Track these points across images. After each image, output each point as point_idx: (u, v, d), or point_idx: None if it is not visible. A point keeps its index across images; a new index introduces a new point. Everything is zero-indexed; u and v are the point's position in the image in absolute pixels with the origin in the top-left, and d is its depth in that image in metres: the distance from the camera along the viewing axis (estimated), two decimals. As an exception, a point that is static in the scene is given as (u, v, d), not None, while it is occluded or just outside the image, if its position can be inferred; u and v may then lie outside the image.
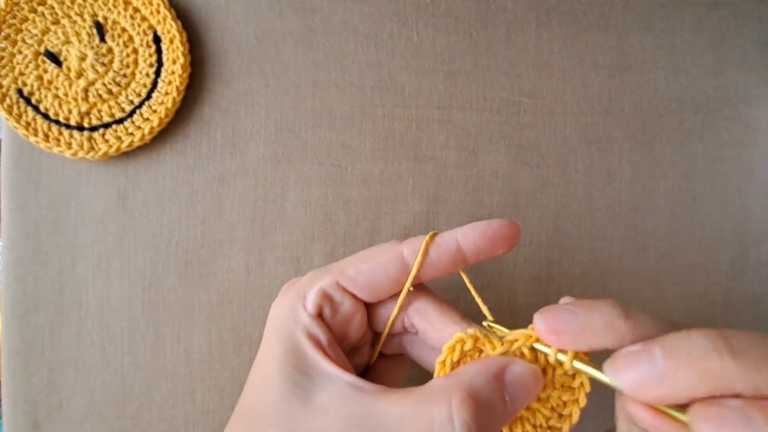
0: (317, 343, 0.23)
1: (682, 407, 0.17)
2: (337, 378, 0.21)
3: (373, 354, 0.27)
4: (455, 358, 0.22)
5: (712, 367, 0.16)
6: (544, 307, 0.21)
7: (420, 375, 0.34)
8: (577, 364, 0.20)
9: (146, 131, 0.33)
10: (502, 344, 0.21)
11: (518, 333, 0.22)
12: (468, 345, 0.22)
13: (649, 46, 0.36)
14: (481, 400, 0.20)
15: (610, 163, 0.35)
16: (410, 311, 0.25)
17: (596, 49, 0.36)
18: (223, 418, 0.34)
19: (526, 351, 0.21)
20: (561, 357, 0.20)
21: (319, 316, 0.24)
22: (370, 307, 0.25)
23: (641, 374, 0.17)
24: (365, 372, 0.27)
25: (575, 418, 0.22)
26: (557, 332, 0.20)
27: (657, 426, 0.17)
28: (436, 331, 0.24)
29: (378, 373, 0.27)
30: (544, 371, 0.21)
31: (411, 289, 0.25)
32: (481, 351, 0.22)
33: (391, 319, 0.25)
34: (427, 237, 0.24)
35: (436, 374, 0.22)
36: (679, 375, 0.16)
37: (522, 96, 0.35)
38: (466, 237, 0.23)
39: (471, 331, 0.22)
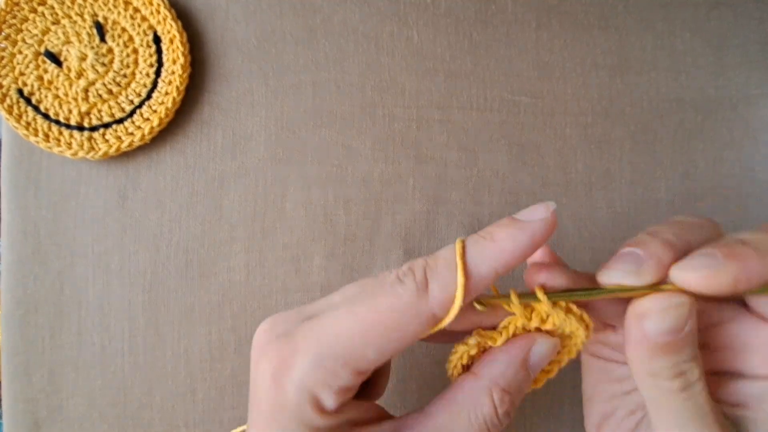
0: (345, 426, 0.20)
1: None
2: None
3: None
4: (465, 362, 0.23)
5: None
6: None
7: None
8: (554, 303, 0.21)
9: (146, 131, 0.33)
10: (501, 333, 0.22)
11: (507, 319, 0.22)
12: (473, 351, 0.22)
13: (649, 47, 0.36)
14: (514, 389, 0.21)
15: (610, 163, 0.35)
16: None
17: (596, 50, 0.36)
18: (223, 419, 0.34)
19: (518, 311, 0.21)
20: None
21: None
22: None
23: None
24: None
25: (573, 354, 0.23)
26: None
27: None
28: (456, 325, 0.22)
29: None
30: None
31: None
32: (485, 347, 0.22)
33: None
34: (459, 294, 0.19)
35: (449, 374, 0.23)
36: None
37: (522, 96, 0.35)
38: (507, 269, 0.20)
39: (472, 341, 0.22)
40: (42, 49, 0.33)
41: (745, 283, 0.18)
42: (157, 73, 0.33)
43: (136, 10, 0.33)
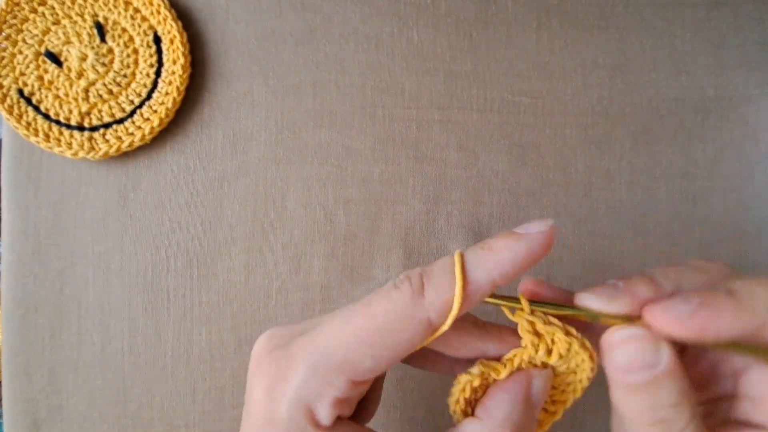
0: None
1: None
2: None
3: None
4: (467, 395, 0.22)
5: None
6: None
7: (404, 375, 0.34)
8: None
9: (146, 131, 0.33)
10: (505, 365, 0.21)
11: (515, 350, 0.22)
12: (476, 382, 0.21)
13: (649, 46, 0.36)
14: (524, 425, 0.20)
15: (610, 163, 0.35)
16: None
17: (596, 50, 0.36)
18: (223, 418, 0.34)
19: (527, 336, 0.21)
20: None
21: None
22: None
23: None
24: None
25: (578, 393, 0.23)
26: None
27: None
28: (453, 350, 0.22)
29: None
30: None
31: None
32: (489, 377, 0.22)
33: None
34: (458, 298, 0.19)
35: (452, 409, 0.22)
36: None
37: (522, 96, 0.35)
38: (504, 278, 0.20)
39: (475, 370, 0.21)
40: (42, 49, 0.33)
41: (712, 334, 0.18)
42: (158, 74, 0.33)
43: (137, 10, 0.33)
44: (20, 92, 0.33)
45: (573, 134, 0.35)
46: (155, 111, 0.33)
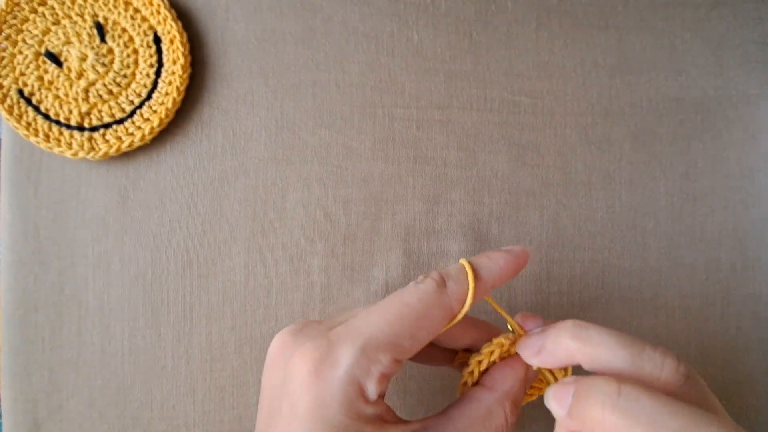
0: (379, 420, 0.22)
1: None
2: None
3: None
4: (492, 359, 0.25)
5: (595, 418, 0.19)
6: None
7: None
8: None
9: (146, 131, 0.33)
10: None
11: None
12: (504, 348, 0.25)
13: (649, 46, 0.36)
14: (519, 401, 0.25)
15: (610, 163, 0.35)
16: None
17: (596, 49, 0.36)
18: (224, 419, 0.34)
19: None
20: None
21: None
22: None
23: (559, 409, 0.21)
24: None
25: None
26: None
27: None
28: (453, 341, 0.26)
29: None
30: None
31: None
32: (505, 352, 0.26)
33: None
34: (471, 289, 0.23)
35: (470, 368, 0.25)
36: (580, 414, 0.20)
37: (522, 96, 0.35)
38: (501, 279, 0.25)
39: (511, 336, 0.25)
40: (42, 50, 0.33)
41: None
42: (158, 74, 0.33)
43: (137, 10, 0.33)
44: (20, 92, 0.33)
45: (573, 134, 0.35)
46: (155, 111, 0.33)
